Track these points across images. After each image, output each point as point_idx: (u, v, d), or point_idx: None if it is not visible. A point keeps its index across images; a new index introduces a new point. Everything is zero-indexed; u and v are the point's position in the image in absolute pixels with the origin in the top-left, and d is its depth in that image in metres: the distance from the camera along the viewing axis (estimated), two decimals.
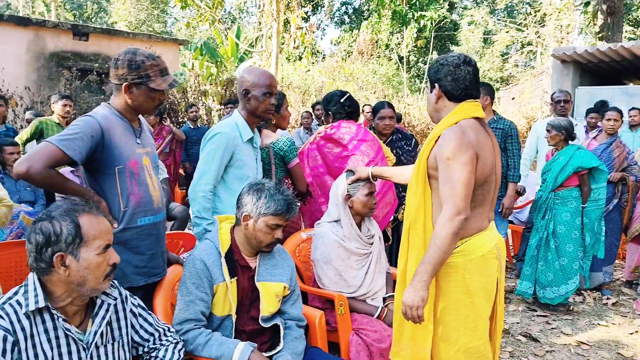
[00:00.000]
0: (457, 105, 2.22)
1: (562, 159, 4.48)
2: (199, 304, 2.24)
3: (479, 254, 2.17)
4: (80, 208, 1.72)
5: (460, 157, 2.06)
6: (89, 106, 9.06)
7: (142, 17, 27.98)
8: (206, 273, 2.27)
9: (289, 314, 2.47)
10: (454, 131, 2.12)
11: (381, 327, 2.74)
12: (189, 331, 2.21)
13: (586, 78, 10.20)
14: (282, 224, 2.33)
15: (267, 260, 2.43)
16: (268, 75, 2.93)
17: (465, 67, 2.20)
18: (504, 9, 26.49)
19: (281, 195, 2.31)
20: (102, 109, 2.29)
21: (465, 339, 2.20)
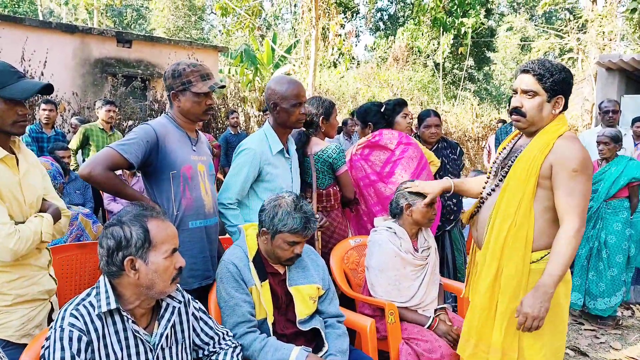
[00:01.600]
0: (559, 115, 2.25)
1: (615, 170, 4.41)
2: (244, 306, 2.25)
3: None
4: (148, 213, 1.77)
5: (587, 170, 2.11)
6: (133, 112, 9.28)
7: (180, 23, 28.49)
8: (240, 275, 2.29)
9: (327, 312, 2.47)
10: (576, 142, 2.16)
11: (432, 337, 2.72)
12: (243, 335, 2.21)
13: (632, 86, 9.94)
14: (299, 241, 2.30)
15: (296, 264, 2.43)
16: (296, 85, 2.88)
17: (569, 72, 2.25)
18: (543, 15, 26.03)
19: (299, 212, 2.26)
20: (160, 119, 2.48)
21: (555, 340, 2.23)
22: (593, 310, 4.41)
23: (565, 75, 2.20)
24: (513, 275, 2.19)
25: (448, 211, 4.05)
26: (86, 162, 2.25)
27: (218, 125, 10.43)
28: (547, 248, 2.19)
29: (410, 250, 2.90)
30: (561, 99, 2.22)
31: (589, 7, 18.26)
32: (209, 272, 2.56)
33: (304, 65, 15.14)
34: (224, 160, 7.88)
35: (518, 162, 2.24)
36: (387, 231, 2.93)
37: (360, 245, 3.35)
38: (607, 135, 4.45)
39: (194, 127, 2.56)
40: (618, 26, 17.13)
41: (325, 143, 3.42)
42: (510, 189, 2.23)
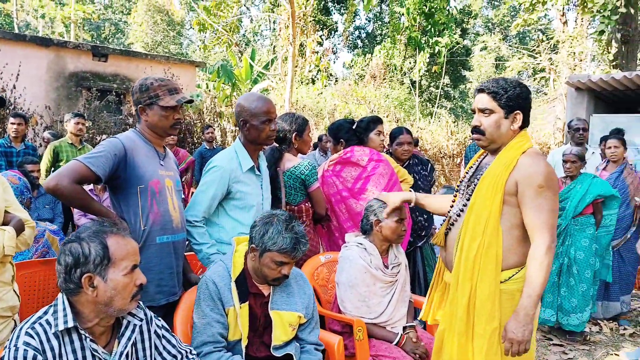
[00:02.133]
0: (521, 132, 2.27)
1: (581, 188, 4.51)
2: (216, 326, 2.23)
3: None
4: (108, 229, 1.75)
5: (552, 185, 2.13)
6: (107, 126, 9.19)
7: (158, 38, 28.44)
8: (218, 295, 2.26)
9: (306, 341, 2.44)
10: (540, 158, 2.17)
11: (400, 354, 2.72)
12: (209, 354, 2.19)
13: (600, 106, 10.19)
14: (288, 262, 2.26)
15: (282, 288, 2.40)
16: (265, 102, 2.85)
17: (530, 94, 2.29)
18: (516, 35, 26.65)
19: (289, 232, 2.23)
20: (129, 133, 2.46)
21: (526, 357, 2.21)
22: (566, 326, 4.46)
23: (520, 91, 2.22)
24: (487, 297, 2.16)
25: (419, 227, 4.08)
26: (52, 174, 2.19)
27: (194, 140, 10.38)
28: (516, 266, 2.19)
29: (380, 267, 2.90)
30: (519, 114, 2.23)
31: (561, 29, 18.76)
32: (176, 289, 2.53)
33: (281, 82, 15.20)
34: (198, 175, 7.83)
35: (483, 180, 2.24)
36: (357, 247, 2.94)
37: (330, 262, 3.35)
38: (574, 154, 4.55)
39: (162, 142, 2.54)
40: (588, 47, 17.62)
41: (298, 159, 3.42)
42: (476, 208, 2.23)
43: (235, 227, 2.77)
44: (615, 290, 4.98)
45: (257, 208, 2.84)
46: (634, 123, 8.37)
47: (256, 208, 2.83)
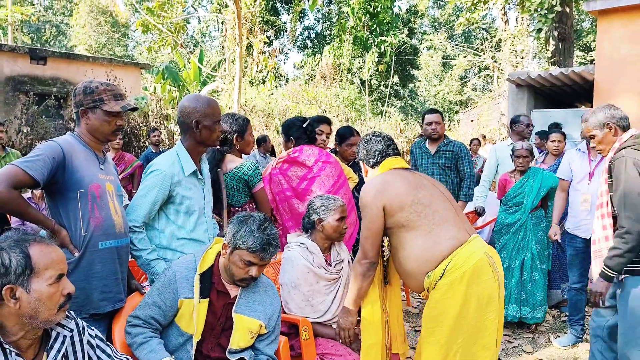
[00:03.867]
0: (377, 168, 2.70)
1: (534, 181, 4.59)
2: (153, 309, 2.26)
3: (470, 264, 2.28)
4: (30, 238, 1.67)
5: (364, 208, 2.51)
6: (47, 131, 8.86)
7: (103, 40, 27.68)
8: (173, 284, 2.26)
9: (262, 352, 2.41)
10: (363, 191, 2.56)
11: (345, 352, 2.73)
12: (135, 326, 2.25)
13: (540, 101, 10.57)
14: (256, 263, 2.24)
15: (250, 293, 2.37)
16: (215, 103, 2.83)
17: (370, 141, 2.74)
18: (462, 34, 27.32)
19: (261, 232, 2.23)
20: (66, 137, 2.37)
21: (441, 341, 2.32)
22: (531, 320, 4.53)
23: (358, 148, 2.84)
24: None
25: None
26: None
27: (139, 144, 10.14)
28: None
29: (322, 265, 2.91)
30: (362, 164, 2.82)
31: (502, 27, 19.37)
32: (122, 295, 2.45)
33: (230, 83, 15.06)
34: None
35: None
36: (299, 247, 2.94)
37: (276, 262, 3.32)
38: (525, 149, 4.65)
39: (101, 147, 2.46)
40: (529, 45, 18.25)
41: (241, 160, 3.39)
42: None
43: (176, 233, 2.70)
44: (555, 278, 5.16)
45: (199, 212, 2.77)
46: (570, 117, 8.72)
47: (198, 212, 2.77)
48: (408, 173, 2.59)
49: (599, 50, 8.43)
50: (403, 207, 2.39)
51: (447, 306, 2.30)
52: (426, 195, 2.43)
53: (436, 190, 2.51)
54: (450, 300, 2.29)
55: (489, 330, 2.34)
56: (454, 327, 2.30)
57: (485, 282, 2.31)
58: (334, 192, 3.59)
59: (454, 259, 2.29)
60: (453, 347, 2.31)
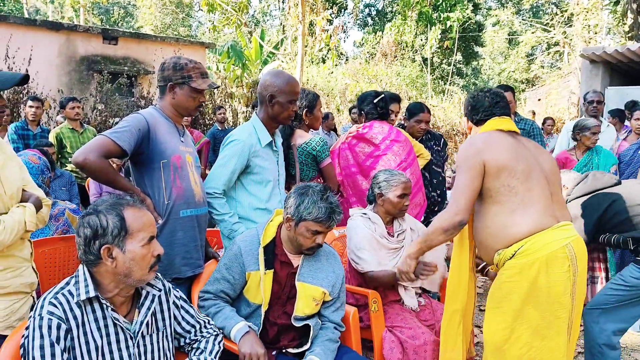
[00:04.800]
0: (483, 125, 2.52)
1: (598, 159, 4.43)
2: (223, 284, 2.36)
3: (544, 253, 2.16)
4: (124, 202, 1.78)
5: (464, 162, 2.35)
6: (119, 108, 9.24)
7: (168, 21, 28.34)
8: (239, 258, 2.35)
9: (329, 319, 2.47)
10: (464, 144, 2.43)
11: (415, 325, 2.75)
12: (206, 299, 2.37)
13: (616, 78, 10.04)
14: (322, 231, 2.31)
15: (312, 262, 2.44)
16: (294, 82, 2.89)
17: (478, 96, 2.56)
18: (530, 9, 26.19)
19: (324, 202, 2.28)
20: (149, 109, 2.49)
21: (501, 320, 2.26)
22: None
23: (464, 102, 2.67)
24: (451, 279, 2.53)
25: (432, 202, 4.09)
26: (79, 150, 2.23)
27: (205, 122, 10.42)
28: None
29: (384, 235, 2.94)
30: (466, 119, 2.65)
31: (575, 1, 18.40)
32: (201, 261, 2.59)
33: (292, 61, 15.14)
34: (212, 156, 7.86)
35: None
36: (361, 217, 2.99)
37: (343, 236, 3.38)
38: (598, 125, 4.47)
39: (181, 121, 2.58)
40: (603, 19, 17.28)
41: (309, 135, 3.44)
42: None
43: (252, 202, 2.80)
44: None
45: (273, 183, 2.86)
46: None
47: (273, 183, 2.86)
48: (513, 140, 2.38)
49: None
50: (499, 176, 2.23)
51: (513, 289, 2.21)
52: (525, 169, 2.25)
53: (537, 166, 2.31)
54: (517, 284, 2.19)
55: (558, 328, 2.18)
56: (518, 314, 2.19)
57: (559, 274, 2.16)
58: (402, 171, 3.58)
59: (528, 243, 2.17)
60: (515, 332, 2.21)
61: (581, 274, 2.23)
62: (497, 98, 2.52)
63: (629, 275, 2.70)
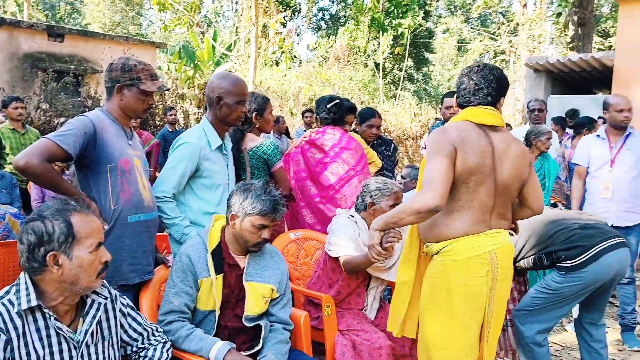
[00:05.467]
0: (461, 111, 2.36)
1: (548, 165, 4.61)
2: (183, 297, 2.30)
3: (464, 256, 2.22)
4: (71, 207, 1.73)
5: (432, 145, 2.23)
6: (65, 108, 8.95)
7: (117, 19, 27.65)
8: (190, 267, 2.32)
9: (277, 317, 2.48)
10: (435, 131, 2.30)
11: (371, 329, 2.78)
12: (172, 322, 2.27)
13: (558, 87, 10.48)
14: (268, 225, 2.33)
15: (257, 261, 2.45)
16: (242, 84, 2.89)
17: (468, 76, 2.34)
18: (478, 18, 26.96)
19: (268, 195, 2.31)
20: (96, 112, 2.42)
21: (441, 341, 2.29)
22: None
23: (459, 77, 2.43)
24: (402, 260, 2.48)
25: None
26: (21, 153, 2.14)
27: (156, 123, 10.22)
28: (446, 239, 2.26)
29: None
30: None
31: (520, 11, 19.09)
32: (151, 267, 2.54)
33: (244, 63, 15.05)
34: (162, 158, 7.72)
35: None
36: (348, 218, 2.95)
37: (299, 239, 3.39)
38: (550, 131, 4.69)
39: (129, 123, 2.52)
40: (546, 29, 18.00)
41: (260, 139, 3.42)
42: None
43: (202, 207, 2.77)
44: None
45: (223, 187, 2.84)
46: (588, 104, 8.64)
47: (223, 187, 2.84)
48: (484, 142, 2.25)
49: (620, 36, 8.32)
50: (456, 179, 2.19)
51: (439, 285, 2.28)
52: (479, 179, 2.21)
53: (492, 176, 2.24)
54: (442, 280, 2.27)
55: (468, 326, 2.27)
56: (441, 305, 2.28)
57: (476, 278, 2.23)
58: (347, 180, 3.60)
59: (453, 244, 2.23)
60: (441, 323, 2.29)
61: (502, 280, 2.29)
62: (482, 83, 2.30)
63: (552, 280, 2.83)
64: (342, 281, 2.92)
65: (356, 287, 2.96)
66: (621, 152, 3.99)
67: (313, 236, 3.48)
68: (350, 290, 2.95)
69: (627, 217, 3.97)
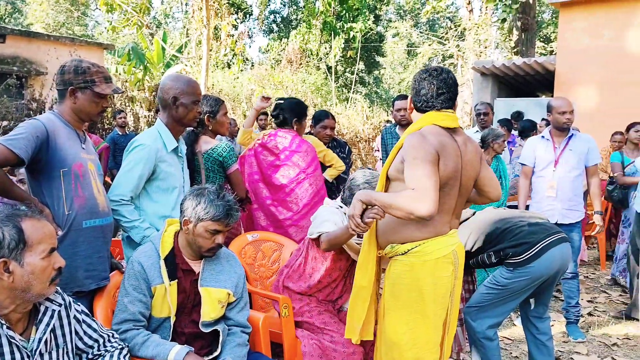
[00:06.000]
0: (422, 115, 2.38)
1: (502, 167, 4.81)
2: (137, 305, 2.26)
3: (433, 257, 2.30)
4: (22, 213, 1.69)
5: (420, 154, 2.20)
6: (8, 111, 8.59)
7: (61, 19, 26.75)
8: (143, 275, 2.28)
9: (234, 321, 2.47)
10: (414, 136, 2.26)
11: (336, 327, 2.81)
12: (127, 331, 2.23)
13: (504, 90, 10.85)
14: (221, 230, 2.32)
15: (212, 265, 2.43)
16: (195, 84, 2.89)
17: (428, 80, 2.35)
18: (427, 22, 27.56)
19: (221, 200, 2.30)
20: (48, 115, 2.36)
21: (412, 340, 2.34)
22: None
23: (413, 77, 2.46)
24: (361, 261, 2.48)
25: None
26: None
27: (104, 126, 9.96)
28: (413, 240, 2.31)
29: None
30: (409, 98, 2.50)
31: (467, 17, 19.66)
32: (106, 273, 2.49)
33: (196, 65, 14.85)
34: (112, 162, 7.53)
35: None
36: (336, 209, 2.91)
37: (257, 241, 3.39)
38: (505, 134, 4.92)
39: (82, 126, 2.47)
40: (492, 34, 18.60)
41: (215, 141, 3.41)
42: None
43: (157, 210, 2.73)
44: None
45: (179, 190, 2.81)
46: (532, 106, 8.99)
47: (178, 190, 2.81)
48: (456, 146, 2.32)
49: (560, 41, 8.70)
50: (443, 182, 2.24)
51: (405, 286, 2.33)
52: (450, 183, 2.29)
53: (459, 180, 2.35)
54: (409, 280, 2.32)
55: (435, 324, 2.37)
56: (409, 306, 2.34)
57: (444, 277, 2.34)
58: (298, 182, 3.63)
59: (422, 245, 2.30)
60: (409, 324, 2.35)
61: (459, 277, 2.44)
62: (443, 88, 2.34)
63: (500, 277, 2.94)
64: (324, 270, 2.90)
65: (337, 277, 2.96)
66: (564, 152, 4.17)
67: (270, 237, 3.49)
68: (331, 280, 2.94)
69: (570, 214, 4.14)
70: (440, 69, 2.41)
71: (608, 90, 8.01)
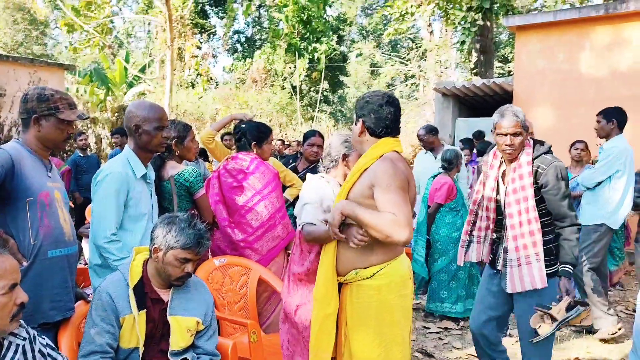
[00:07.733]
0: (378, 140, 2.42)
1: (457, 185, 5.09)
2: (105, 336, 2.22)
3: (398, 276, 2.40)
4: None
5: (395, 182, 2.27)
6: None
7: (19, 38, 26.21)
8: (111, 305, 2.25)
9: (203, 349, 2.46)
10: (386, 162, 2.32)
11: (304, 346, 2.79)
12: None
13: (465, 110, 11.13)
14: (191, 258, 2.31)
15: (181, 294, 2.42)
16: (158, 109, 2.86)
17: (387, 107, 2.41)
18: (389, 43, 28.11)
19: (192, 229, 2.30)
20: (12, 144, 2.33)
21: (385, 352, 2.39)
22: (467, 313, 4.89)
23: (363, 103, 2.46)
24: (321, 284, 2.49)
25: None
26: None
27: (65, 148, 9.75)
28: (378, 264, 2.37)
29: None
30: (360, 122, 2.45)
31: (428, 38, 20.16)
32: (72, 304, 2.44)
33: (159, 86, 14.76)
34: (74, 185, 7.39)
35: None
36: (319, 179, 2.83)
37: (224, 265, 3.38)
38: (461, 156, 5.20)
39: (47, 154, 2.43)
40: (452, 55, 19.11)
41: (182, 166, 3.40)
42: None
43: (127, 240, 2.67)
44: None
45: (147, 217, 2.78)
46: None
47: (147, 217, 2.78)
48: (410, 172, 2.44)
49: (517, 63, 9.01)
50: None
51: (373, 308, 2.38)
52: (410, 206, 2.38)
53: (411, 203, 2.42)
54: (377, 303, 2.37)
55: (402, 338, 2.44)
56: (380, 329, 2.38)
57: (407, 295, 2.45)
58: (254, 204, 3.64)
59: (387, 267, 2.37)
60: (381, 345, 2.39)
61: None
62: (397, 114, 2.45)
63: None
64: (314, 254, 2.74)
65: None
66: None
67: (238, 262, 3.48)
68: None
69: None
70: (389, 96, 2.47)
71: (562, 109, 8.32)
